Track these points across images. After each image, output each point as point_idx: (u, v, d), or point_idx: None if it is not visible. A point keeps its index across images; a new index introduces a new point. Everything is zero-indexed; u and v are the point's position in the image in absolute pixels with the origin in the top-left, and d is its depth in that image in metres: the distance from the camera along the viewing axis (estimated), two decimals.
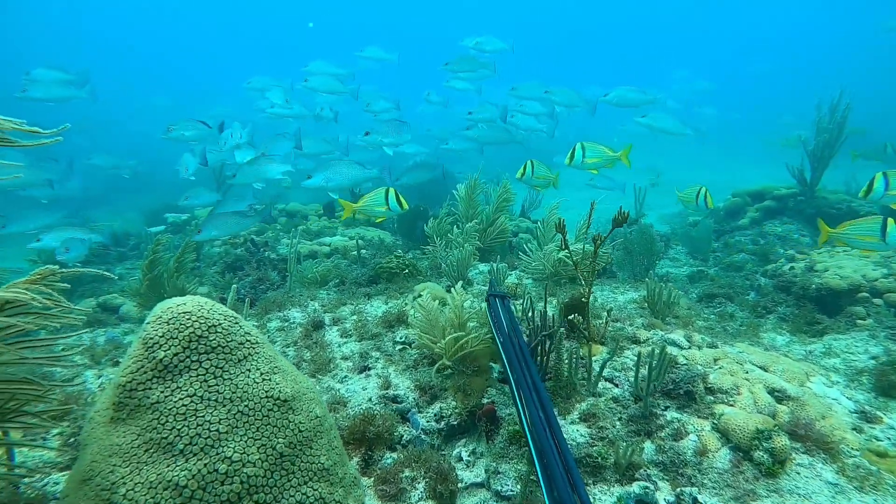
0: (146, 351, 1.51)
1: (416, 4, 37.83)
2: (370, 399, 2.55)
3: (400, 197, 4.23)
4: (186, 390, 1.48)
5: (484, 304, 2.95)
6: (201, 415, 1.47)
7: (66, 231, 5.00)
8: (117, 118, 19.21)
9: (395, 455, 2.25)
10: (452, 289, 2.76)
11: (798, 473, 2.12)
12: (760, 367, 2.77)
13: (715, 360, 2.75)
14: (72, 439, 2.20)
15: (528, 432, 1.84)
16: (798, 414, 2.38)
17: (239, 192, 6.03)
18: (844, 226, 3.74)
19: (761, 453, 2.12)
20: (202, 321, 1.57)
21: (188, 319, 1.55)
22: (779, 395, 2.52)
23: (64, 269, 1.75)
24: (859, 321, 3.93)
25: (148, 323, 1.54)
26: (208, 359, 1.55)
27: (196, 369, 1.52)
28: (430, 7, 38.20)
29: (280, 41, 36.93)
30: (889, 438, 2.50)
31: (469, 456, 2.30)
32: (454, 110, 10.63)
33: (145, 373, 1.49)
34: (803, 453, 2.21)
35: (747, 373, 2.65)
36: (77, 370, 2.92)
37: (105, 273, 2.10)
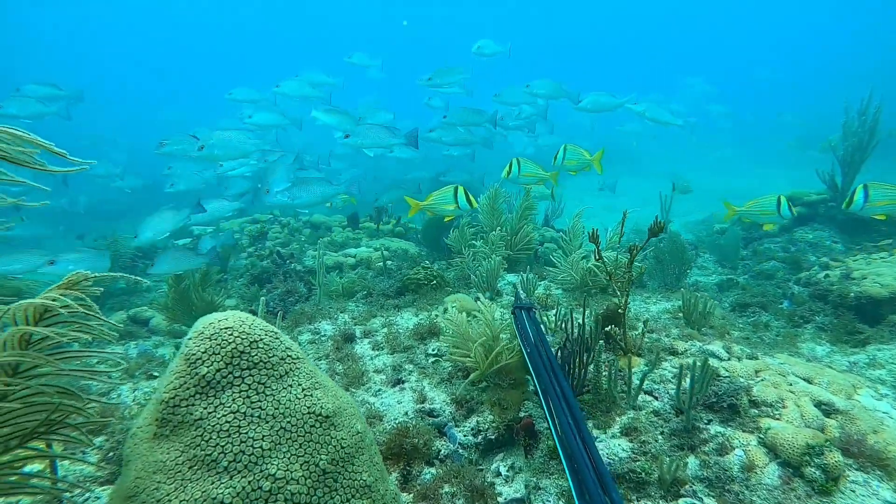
0: (188, 367, 1.49)
1: (423, 8, 38.02)
2: (406, 413, 2.52)
3: (469, 195, 4.19)
4: (230, 406, 1.47)
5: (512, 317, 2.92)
6: (244, 431, 1.46)
7: (18, 254, 4.59)
8: (129, 132, 19.52)
9: (433, 470, 2.22)
10: (480, 301, 2.73)
11: (853, 492, 2.04)
12: (804, 379, 2.69)
13: (756, 372, 2.67)
14: (111, 454, 2.20)
15: (556, 438, 1.81)
16: (848, 428, 2.29)
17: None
18: None
19: (813, 469, 2.05)
20: (244, 337, 1.55)
21: (230, 335, 1.53)
22: (826, 409, 2.44)
23: (97, 274, 1.75)
24: None
25: (189, 339, 1.53)
26: (251, 375, 1.53)
27: (239, 385, 1.50)
28: (437, 11, 38.40)
29: (289, 51, 37.37)
30: None
31: (508, 471, 2.25)
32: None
33: (188, 389, 1.47)
34: (857, 470, 2.13)
35: (791, 385, 2.57)
36: (113, 383, 2.93)
37: (138, 279, 2.10)
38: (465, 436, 2.38)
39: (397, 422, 2.44)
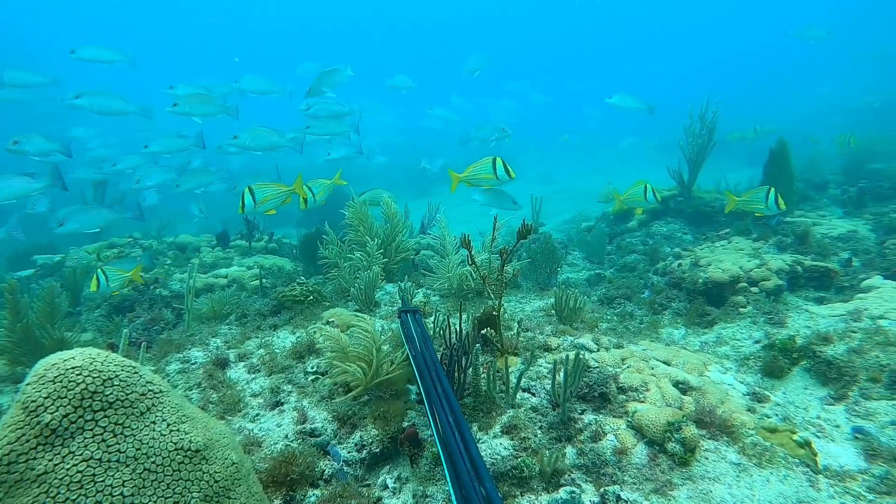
0: (27, 416, 1.34)
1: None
2: (286, 436, 2.43)
3: (508, 167, 4.08)
4: (81, 454, 1.33)
5: (395, 325, 2.93)
6: (101, 479, 1.33)
7: None
8: None
9: (318, 492, 2.15)
10: (358, 318, 2.70)
11: (706, 458, 2.25)
12: (664, 362, 2.93)
13: (623, 360, 2.87)
14: None
15: (437, 437, 1.84)
16: (701, 402, 2.53)
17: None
18: None
19: (674, 444, 2.23)
20: (95, 375, 1.42)
21: (78, 375, 1.39)
22: (683, 387, 2.67)
23: None
24: (741, 309, 4.27)
25: (27, 384, 1.37)
26: (105, 416, 1.40)
27: (91, 429, 1.37)
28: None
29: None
30: (777, 415, 2.72)
31: (395, 483, 2.24)
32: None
33: (27, 441, 1.32)
34: (709, 439, 2.35)
35: (653, 369, 2.79)
36: None
37: None
38: (349, 452, 2.33)
39: (278, 446, 2.34)
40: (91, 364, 1.43)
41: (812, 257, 4.89)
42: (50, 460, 1.30)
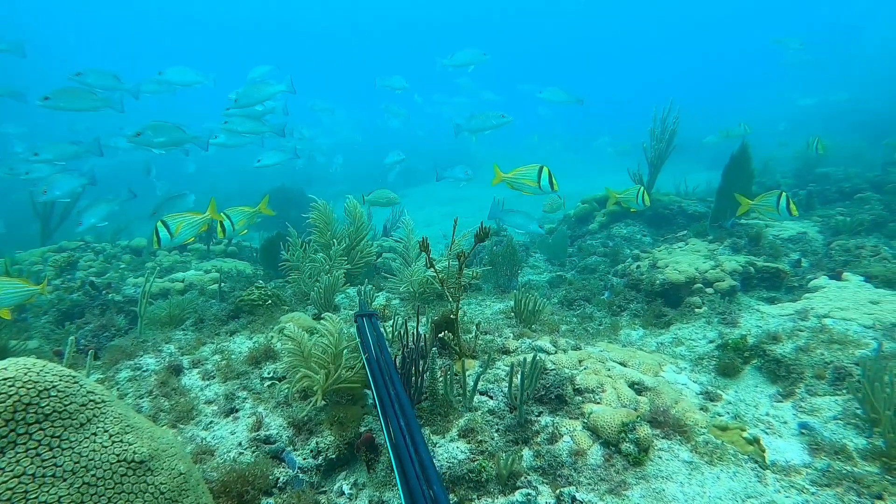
0: None
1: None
2: (240, 443, 2.38)
3: (553, 179, 4.02)
4: (12, 471, 1.28)
5: (354, 329, 2.91)
6: (34, 496, 1.27)
7: None
8: None
9: (272, 500, 2.11)
10: (324, 319, 2.66)
11: (660, 458, 2.29)
12: (620, 363, 2.97)
13: (580, 362, 2.90)
14: None
15: (388, 442, 1.83)
16: (656, 403, 2.57)
17: None
18: None
19: (628, 444, 2.26)
20: (30, 386, 1.36)
21: (11, 387, 1.34)
22: (638, 388, 2.72)
23: None
24: (696, 310, 4.37)
25: None
26: (41, 429, 1.35)
27: (24, 443, 1.31)
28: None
29: None
30: (728, 413, 2.79)
31: (351, 489, 2.22)
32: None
33: None
34: (663, 438, 2.39)
35: (609, 370, 2.83)
36: None
37: None
38: (304, 459, 2.30)
39: (231, 455, 2.30)
40: (25, 374, 1.38)
41: (764, 258, 5.04)
42: None
